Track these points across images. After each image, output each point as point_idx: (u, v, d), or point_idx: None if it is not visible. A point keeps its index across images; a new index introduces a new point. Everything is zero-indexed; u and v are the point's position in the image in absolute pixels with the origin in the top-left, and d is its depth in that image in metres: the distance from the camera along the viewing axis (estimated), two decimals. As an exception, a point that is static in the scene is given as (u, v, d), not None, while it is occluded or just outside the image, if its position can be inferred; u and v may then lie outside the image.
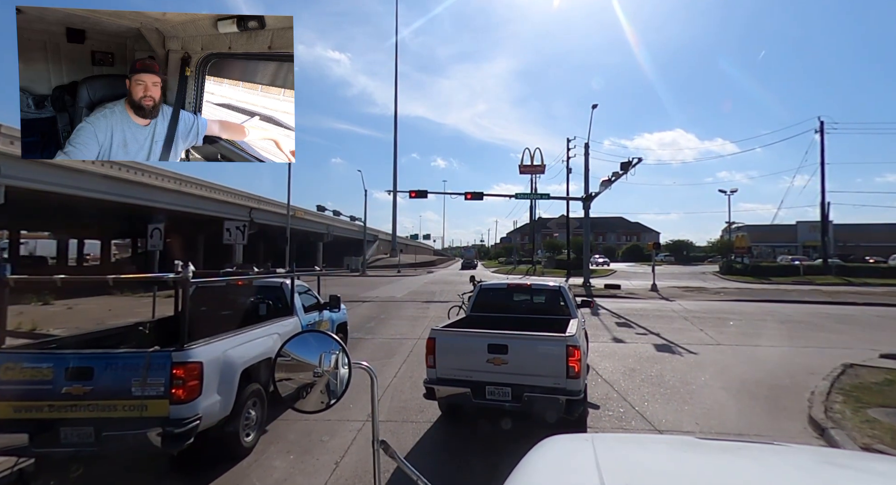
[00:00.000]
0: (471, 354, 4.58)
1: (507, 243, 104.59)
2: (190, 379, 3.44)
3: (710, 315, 14.50)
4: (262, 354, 4.60)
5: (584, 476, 1.07)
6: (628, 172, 18.52)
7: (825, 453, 1.44)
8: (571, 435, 1.53)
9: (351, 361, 1.31)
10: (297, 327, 5.54)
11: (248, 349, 4.31)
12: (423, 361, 8.31)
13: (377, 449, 1.29)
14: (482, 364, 4.50)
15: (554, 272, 44.47)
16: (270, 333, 4.90)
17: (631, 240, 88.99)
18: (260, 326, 4.81)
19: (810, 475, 1.10)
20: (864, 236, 53.77)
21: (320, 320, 6.36)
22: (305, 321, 5.85)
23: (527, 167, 35.74)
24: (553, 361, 4.35)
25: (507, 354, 4.45)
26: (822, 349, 9.30)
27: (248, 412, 4.29)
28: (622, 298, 20.15)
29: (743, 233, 44.15)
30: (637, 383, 6.77)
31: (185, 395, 3.40)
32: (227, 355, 3.94)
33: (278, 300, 5.71)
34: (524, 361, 4.43)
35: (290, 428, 4.93)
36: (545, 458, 1.28)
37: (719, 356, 8.63)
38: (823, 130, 32.96)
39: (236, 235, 11.90)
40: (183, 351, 3.48)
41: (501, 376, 4.45)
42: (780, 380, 6.96)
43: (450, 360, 4.66)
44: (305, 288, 6.51)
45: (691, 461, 1.24)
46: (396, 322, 12.78)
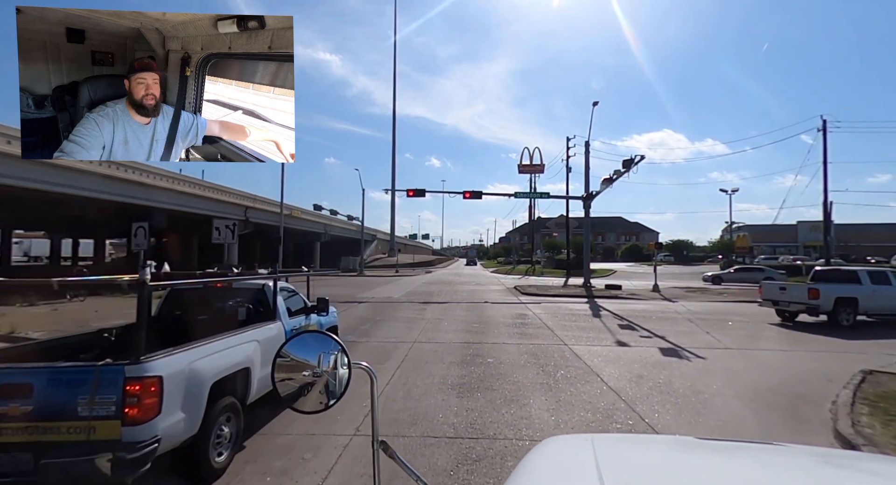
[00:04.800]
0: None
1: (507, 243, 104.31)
2: (147, 396, 3.02)
3: (714, 317, 14.11)
4: (239, 363, 4.17)
5: (584, 476, 1.06)
6: (630, 170, 18.14)
7: (825, 454, 1.40)
8: (571, 435, 1.54)
9: (350, 362, 1.30)
10: (279, 333, 5.12)
11: (220, 359, 3.88)
12: (419, 366, 7.94)
13: (377, 449, 1.27)
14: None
15: (554, 272, 44.09)
16: (249, 341, 4.47)
17: (630, 240, 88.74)
18: (237, 333, 4.37)
19: (810, 475, 1.09)
20: (863, 236, 53.49)
21: (307, 325, 5.93)
22: (290, 326, 5.43)
23: (526, 166, 35.38)
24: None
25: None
26: (835, 353, 8.90)
27: (220, 429, 3.86)
28: (624, 299, 19.75)
29: (744, 233, 43.75)
30: (645, 391, 6.35)
31: (140, 414, 2.98)
32: (195, 367, 3.51)
33: (260, 304, 5.28)
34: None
35: (270, 444, 4.50)
36: (545, 458, 1.26)
37: (729, 361, 8.22)
38: (826, 128, 32.54)
39: (226, 234, 11.44)
40: (139, 364, 3.05)
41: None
42: (797, 388, 6.55)
43: None
44: (291, 290, 6.08)
45: (691, 461, 1.23)
46: (392, 324, 12.36)
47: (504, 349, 9.03)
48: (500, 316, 14.13)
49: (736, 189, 42.86)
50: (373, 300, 18.75)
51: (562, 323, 12.78)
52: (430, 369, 7.42)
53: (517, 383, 6.71)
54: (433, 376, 7.00)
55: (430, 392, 6.20)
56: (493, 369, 7.44)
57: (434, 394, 6.12)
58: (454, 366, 7.66)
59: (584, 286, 23.92)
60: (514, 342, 9.79)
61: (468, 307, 16.50)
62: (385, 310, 15.50)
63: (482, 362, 7.92)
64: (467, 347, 9.26)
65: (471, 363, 7.84)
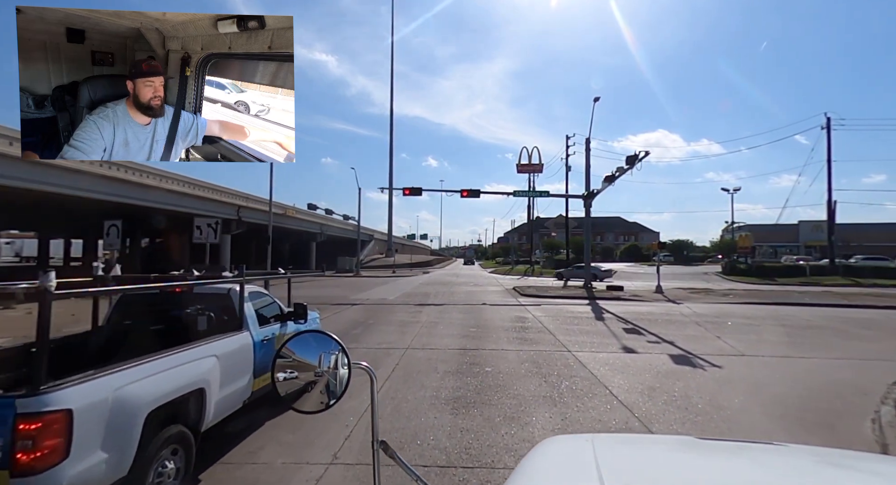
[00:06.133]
0: None
1: (505, 243, 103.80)
2: (47, 436, 2.35)
3: (723, 320, 13.48)
4: (190, 384, 3.51)
5: (584, 476, 1.04)
6: (634, 167, 17.49)
7: (825, 453, 1.31)
8: (571, 435, 1.54)
9: (350, 362, 1.31)
10: (246, 345, 4.46)
11: (162, 381, 3.21)
12: (410, 377, 7.27)
13: (377, 449, 1.26)
14: None
15: (553, 272, 43.44)
16: (206, 356, 3.79)
17: (629, 240, 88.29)
18: (191, 347, 3.70)
19: (810, 475, 1.08)
20: (864, 236, 52.99)
21: (282, 334, 5.26)
22: (261, 336, 4.76)
23: (525, 166, 34.78)
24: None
25: None
26: (861, 361, 8.27)
27: (163, 466, 3.19)
28: (626, 300, 19.12)
29: (746, 233, 43.19)
30: (660, 406, 5.71)
31: (37, 461, 2.32)
32: (123, 394, 2.84)
33: (224, 312, 4.61)
34: None
35: (230, 477, 3.84)
36: (545, 458, 1.24)
37: (747, 370, 7.58)
38: (830, 125, 32.04)
39: (208, 233, 10.69)
40: (37, 396, 2.38)
41: None
42: (829, 402, 5.92)
43: None
44: (265, 295, 5.40)
45: (691, 461, 1.22)
46: (385, 328, 11.69)
47: (503, 357, 8.38)
48: (499, 319, 13.48)
49: (738, 188, 42.36)
50: (366, 302, 18.08)
51: (563, 327, 12.13)
52: (422, 380, 6.77)
53: (518, 396, 6.06)
54: (425, 389, 6.34)
55: (422, 408, 5.55)
56: (491, 380, 6.79)
57: (426, 411, 5.47)
58: (449, 376, 7.01)
59: (585, 287, 23.27)
60: (514, 348, 9.14)
61: (465, 309, 15.84)
62: (378, 313, 14.83)
63: (479, 372, 7.27)
64: (464, 354, 8.60)
65: (467, 373, 7.19)
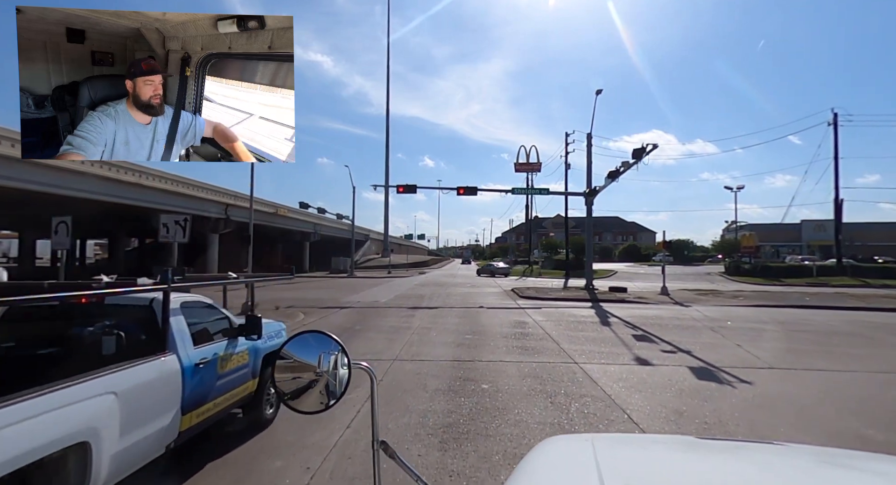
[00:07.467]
0: None
1: (503, 243, 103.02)
2: None
3: (737, 325, 12.53)
4: (65, 436, 2.48)
5: (585, 476, 1.03)
6: (640, 161, 16.52)
7: (825, 453, 1.27)
8: (571, 435, 1.52)
9: (350, 362, 1.31)
10: (170, 372, 3.43)
11: (13, 438, 2.19)
12: (394, 397, 6.22)
13: (377, 449, 1.25)
14: None
15: (552, 273, 42.51)
16: (99, 393, 2.76)
17: (627, 240, 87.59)
18: (75, 382, 2.66)
19: (810, 475, 1.06)
20: (868, 235, 52.27)
21: (230, 353, 4.23)
22: (195, 358, 3.74)
23: (523, 165, 33.79)
24: None
25: None
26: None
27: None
28: (631, 302, 18.16)
29: (750, 232, 42.33)
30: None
31: None
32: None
33: (142, 329, 3.58)
34: None
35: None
36: (545, 458, 1.21)
37: (782, 387, 6.61)
38: (837, 122, 31.20)
39: (175, 231, 9.66)
40: None
41: None
42: (894, 429, 4.95)
43: None
44: (207, 305, 4.35)
45: (691, 461, 1.20)
46: (373, 336, 10.69)
47: (502, 370, 7.39)
48: (497, 324, 12.49)
49: (741, 186, 41.59)
50: (357, 305, 17.07)
51: (567, 333, 11.15)
52: (407, 402, 5.77)
53: (520, 422, 5.08)
54: (410, 414, 5.35)
55: (404, 441, 4.55)
56: (488, 401, 5.81)
57: (408, 444, 4.48)
58: (439, 396, 6.01)
59: (587, 289, 22.30)
60: (514, 360, 8.15)
61: (461, 313, 14.85)
62: (368, 317, 13.82)
63: (475, 390, 6.28)
64: (457, 366, 7.61)
65: (460, 391, 6.20)
